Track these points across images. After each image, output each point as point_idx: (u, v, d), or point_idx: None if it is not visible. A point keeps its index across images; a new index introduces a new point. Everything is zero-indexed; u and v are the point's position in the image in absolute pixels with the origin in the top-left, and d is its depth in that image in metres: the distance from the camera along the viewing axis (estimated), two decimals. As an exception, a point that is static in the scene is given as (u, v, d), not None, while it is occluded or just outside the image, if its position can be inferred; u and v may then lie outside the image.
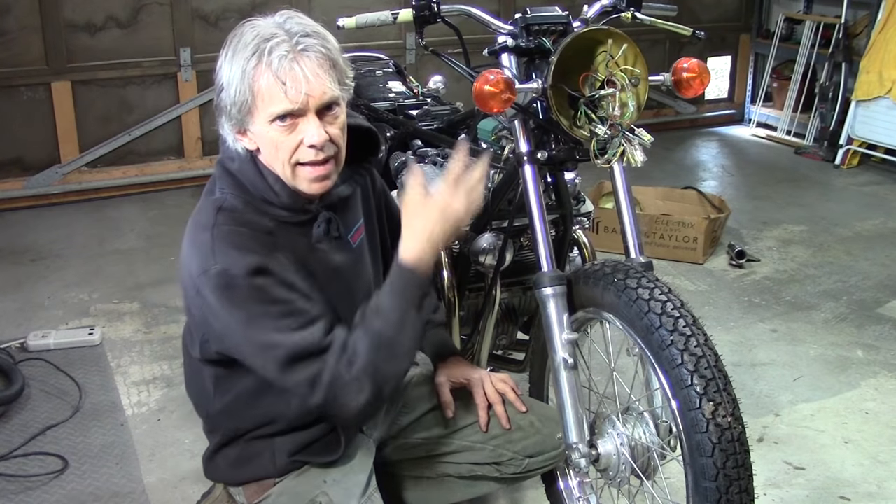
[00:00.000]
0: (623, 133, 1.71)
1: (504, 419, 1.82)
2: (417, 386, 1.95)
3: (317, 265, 1.66)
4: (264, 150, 1.59)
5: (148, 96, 4.95)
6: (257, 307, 1.52)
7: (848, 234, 4.50)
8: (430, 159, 2.38)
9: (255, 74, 1.51)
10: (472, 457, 1.87)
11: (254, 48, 1.51)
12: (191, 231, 1.60)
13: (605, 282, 1.68)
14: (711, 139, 6.31)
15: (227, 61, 1.54)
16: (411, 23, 1.94)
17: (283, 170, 1.58)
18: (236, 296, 1.51)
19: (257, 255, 1.53)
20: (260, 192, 1.60)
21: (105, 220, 4.60)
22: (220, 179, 1.63)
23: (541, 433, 1.84)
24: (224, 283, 1.51)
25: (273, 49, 1.51)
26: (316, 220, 1.66)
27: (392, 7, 1.61)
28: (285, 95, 1.51)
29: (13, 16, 4.55)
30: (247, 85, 1.52)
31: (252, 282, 1.51)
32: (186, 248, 1.59)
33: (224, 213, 1.57)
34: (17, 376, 2.93)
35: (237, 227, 1.55)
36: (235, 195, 1.60)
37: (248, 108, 1.53)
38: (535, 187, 1.79)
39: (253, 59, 1.51)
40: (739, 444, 1.51)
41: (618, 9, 1.99)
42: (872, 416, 2.88)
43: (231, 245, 1.53)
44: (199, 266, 1.53)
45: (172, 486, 2.51)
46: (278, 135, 1.55)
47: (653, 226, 4.08)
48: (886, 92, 5.28)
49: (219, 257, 1.52)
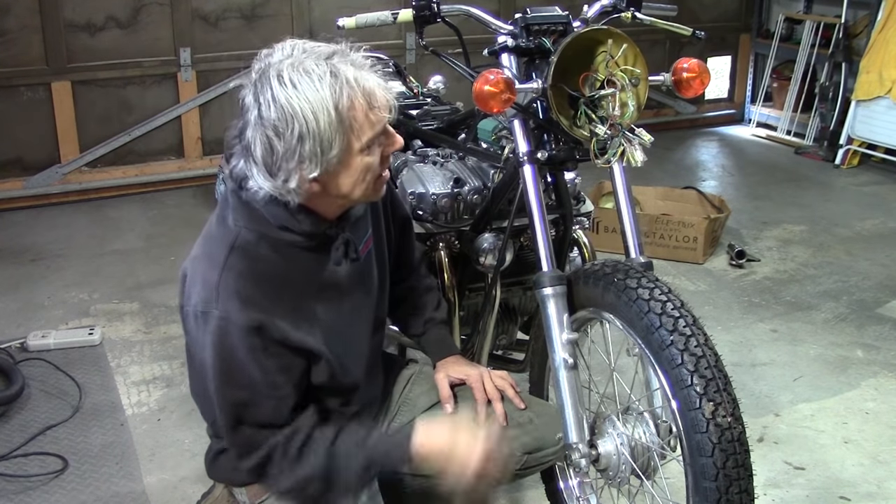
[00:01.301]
0: (623, 133, 1.71)
1: (502, 416, 1.81)
2: (417, 384, 1.96)
3: (327, 291, 1.65)
4: (343, 181, 1.52)
5: (148, 96, 4.95)
6: (240, 362, 1.53)
7: (848, 234, 4.50)
8: (430, 159, 2.38)
9: (349, 105, 1.43)
10: None
11: (318, 77, 1.42)
12: (200, 259, 1.58)
13: (605, 282, 1.68)
14: (711, 139, 6.31)
15: (296, 101, 1.41)
16: (411, 23, 1.94)
17: (365, 192, 1.55)
18: (227, 344, 1.52)
19: (258, 310, 1.52)
20: (280, 221, 1.56)
21: (105, 220, 4.60)
22: (235, 210, 1.57)
23: (539, 430, 1.84)
24: (221, 329, 1.51)
25: (340, 72, 1.44)
26: (333, 242, 1.64)
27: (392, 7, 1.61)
28: (375, 115, 1.47)
29: (13, 16, 4.55)
30: (343, 119, 1.43)
31: (246, 339, 1.51)
32: (193, 275, 1.57)
33: (236, 253, 1.53)
34: (17, 376, 2.93)
35: (246, 273, 1.53)
36: (250, 229, 1.56)
37: (345, 144, 1.46)
38: (535, 187, 1.79)
39: (337, 89, 1.42)
40: (739, 444, 1.51)
41: (618, 9, 1.99)
42: (872, 416, 2.88)
43: (236, 295, 1.51)
44: (200, 301, 1.53)
45: (172, 486, 2.51)
46: (371, 159, 1.51)
47: (653, 226, 4.08)
48: (886, 92, 5.28)
49: (221, 304, 1.51)
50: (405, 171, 2.32)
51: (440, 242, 2.23)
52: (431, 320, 1.99)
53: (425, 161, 2.37)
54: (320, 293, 1.64)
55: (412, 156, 2.40)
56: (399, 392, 1.95)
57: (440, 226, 2.22)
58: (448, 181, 2.23)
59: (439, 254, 2.22)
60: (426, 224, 2.20)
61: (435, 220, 2.21)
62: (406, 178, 2.28)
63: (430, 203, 2.19)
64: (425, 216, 2.20)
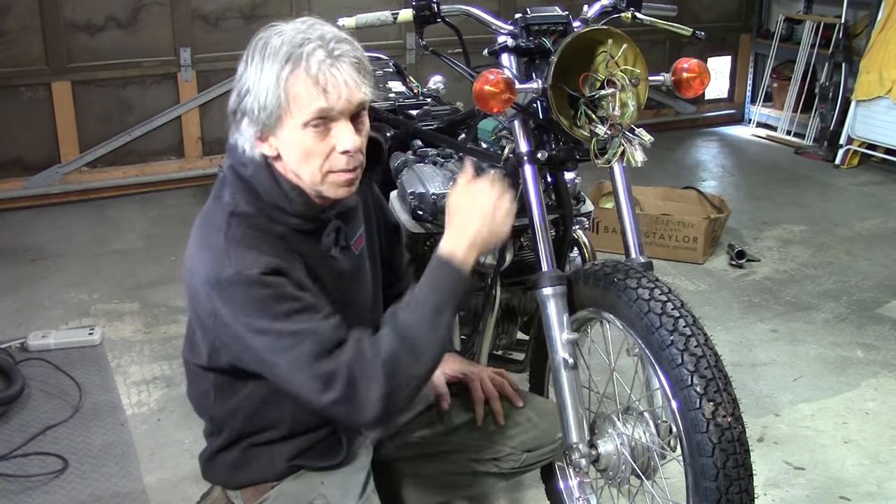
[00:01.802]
0: (623, 133, 1.71)
1: (500, 416, 1.81)
2: None
3: (325, 273, 1.65)
4: (290, 157, 1.56)
5: (148, 96, 4.95)
6: (275, 304, 1.49)
7: (848, 234, 4.50)
8: (430, 159, 2.38)
9: (292, 79, 1.50)
10: (470, 454, 1.86)
11: (287, 53, 1.50)
12: (200, 235, 1.58)
13: (605, 282, 1.68)
14: (711, 139, 6.31)
15: (255, 66, 1.53)
16: (411, 23, 1.94)
17: (312, 176, 1.56)
18: (252, 295, 1.49)
19: (272, 256, 1.52)
20: (273, 199, 1.58)
21: (105, 220, 4.60)
22: (230, 185, 1.60)
23: (538, 427, 1.83)
24: (240, 282, 1.49)
25: (310, 55, 1.50)
26: (325, 228, 1.65)
27: (392, 7, 1.61)
28: (324, 98, 1.50)
29: (13, 16, 4.55)
30: (281, 89, 1.50)
31: (268, 280, 1.49)
32: (196, 253, 1.56)
33: (237, 218, 1.55)
34: (17, 376, 2.93)
35: (251, 231, 1.54)
36: (247, 201, 1.57)
37: (279, 113, 1.51)
38: (535, 187, 1.79)
39: (288, 65, 1.50)
40: (739, 444, 1.52)
41: (618, 9, 1.99)
42: (872, 416, 2.88)
43: (246, 246, 1.51)
44: (212, 269, 1.51)
45: (172, 486, 2.51)
46: (311, 140, 1.53)
47: (653, 226, 4.08)
48: (886, 92, 5.28)
49: (233, 259, 1.50)
50: (405, 171, 2.31)
51: (440, 242, 2.22)
52: None
53: (425, 161, 2.36)
54: (317, 274, 1.63)
55: (412, 156, 2.40)
56: None
57: (440, 226, 2.21)
58: (448, 181, 2.23)
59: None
60: (426, 224, 2.20)
61: (435, 220, 2.21)
62: (406, 178, 2.28)
63: (430, 203, 2.19)
64: (425, 216, 2.19)
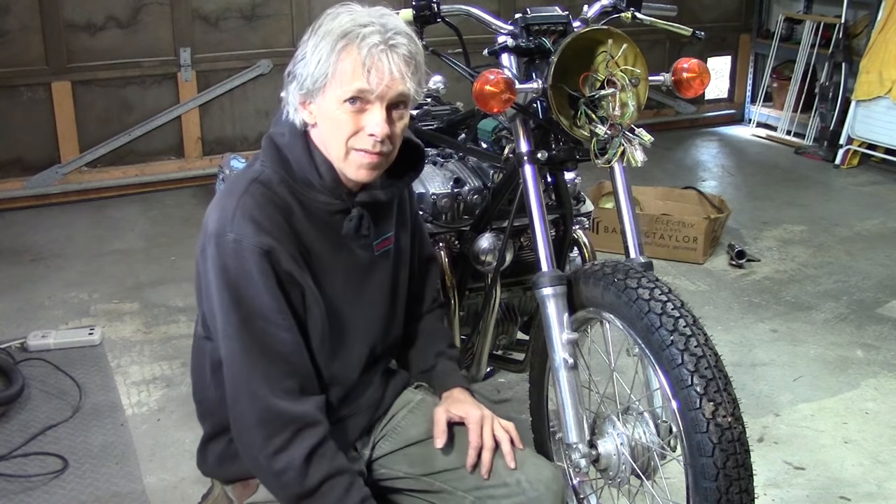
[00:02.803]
0: (623, 133, 1.71)
1: (486, 468, 1.67)
2: (413, 413, 1.82)
3: (337, 261, 1.66)
4: (324, 126, 1.60)
5: (148, 96, 4.95)
6: (253, 287, 1.54)
7: (848, 234, 4.50)
8: (430, 159, 2.38)
9: (343, 55, 1.54)
10: (450, 501, 1.73)
11: (346, 30, 1.55)
12: (220, 194, 1.64)
13: (605, 282, 1.68)
14: (711, 139, 6.31)
15: (316, 36, 1.57)
16: (411, 23, 1.94)
17: (338, 150, 1.60)
18: (240, 265, 1.54)
19: (270, 237, 1.56)
20: (303, 171, 1.62)
21: (105, 220, 4.60)
22: (264, 152, 1.66)
23: (526, 495, 1.65)
24: (235, 251, 1.54)
25: (367, 36, 1.54)
26: (349, 213, 1.66)
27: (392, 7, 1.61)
28: (366, 79, 1.54)
29: (13, 16, 4.55)
30: (331, 62, 1.54)
31: (259, 262, 1.54)
32: (210, 209, 1.62)
33: (255, 185, 1.60)
34: (17, 376, 2.93)
35: (262, 203, 1.58)
36: (275, 170, 1.62)
37: (323, 82, 1.56)
38: (535, 187, 1.79)
39: (343, 41, 1.54)
40: (739, 444, 1.52)
41: (618, 9, 2.00)
42: (872, 416, 2.88)
43: (251, 220, 1.55)
44: (217, 227, 1.57)
45: (172, 486, 2.51)
46: (345, 115, 1.57)
47: (653, 226, 4.08)
48: (886, 92, 5.28)
49: (236, 226, 1.55)
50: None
51: (440, 242, 2.23)
52: (442, 354, 1.88)
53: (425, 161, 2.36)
54: (328, 255, 1.65)
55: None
56: (392, 415, 1.83)
57: (440, 226, 2.22)
58: (448, 181, 2.23)
59: (439, 254, 2.22)
60: (426, 224, 2.20)
61: (435, 220, 2.21)
62: (406, 178, 2.28)
63: (430, 203, 2.19)
64: (425, 216, 2.19)
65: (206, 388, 1.73)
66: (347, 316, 1.70)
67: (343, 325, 1.70)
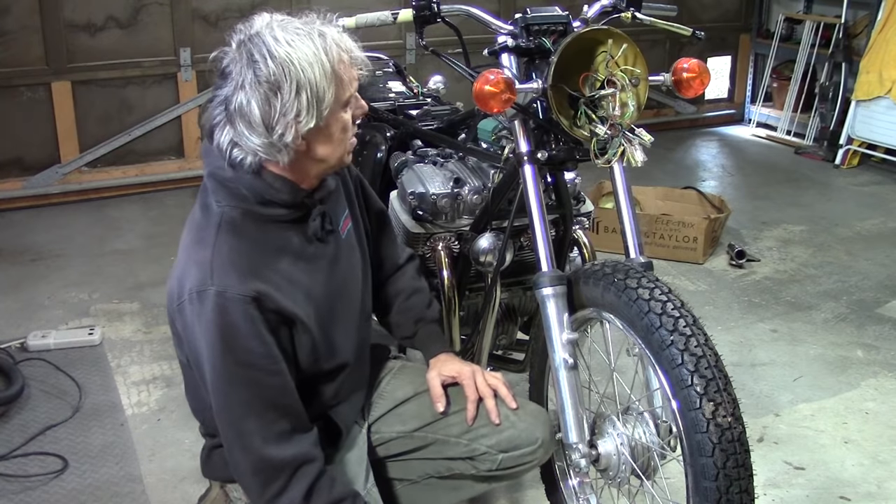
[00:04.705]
0: (623, 133, 1.71)
1: (494, 413, 1.77)
2: (395, 378, 1.94)
3: (317, 263, 1.67)
4: (332, 139, 1.58)
5: (148, 96, 4.95)
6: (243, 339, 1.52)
7: (848, 234, 4.50)
8: (429, 159, 2.38)
9: (339, 65, 1.52)
10: (445, 450, 1.82)
11: (319, 45, 1.50)
12: (189, 247, 1.60)
13: (605, 282, 1.68)
14: (711, 139, 6.31)
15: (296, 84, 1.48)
16: (411, 23, 1.94)
17: (342, 150, 1.61)
18: (226, 319, 1.51)
19: (254, 279, 1.54)
20: (259, 194, 1.59)
21: (105, 220, 4.60)
22: (215, 192, 1.61)
23: (515, 427, 1.78)
24: (219, 305, 1.51)
25: (329, 35, 1.53)
26: (309, 215, 1.66)
27: (392, 7, 1.61)
28: (356, 72, 1.56)
29: (13, 16, 4.55)
30: (329, 77, 1.50)
31: (246, 310, 1.52)
32: (184, 266, 1.58)
33: (224, 229, 1.57)
34: (17, 376, 2.93)
35: (236, 247, 1.55)
36: (233, 206, 1.59)
37: (332, 99, 1.52)
38: (535, 187, 1.79)
39: (327, 55, 1.50)
40: (739, 444, 1.52)
41: (618, 9, 1.99)
42: (872, 416, 2.88)
43: (231, 267, 1.53)
44: (197, 283, 1.53)
45: (172, 486, 2.51)
46: (347, 113, 1.57)
47: (653, 226, 4.08)
48: (886, 92, 5.28)
49: (217, 278, 1.52)
50: (405, 171, 2.31)
51: (440, 242, 2.23)
52: (422, 319, 1.97)
53: (425, 161, 2.36)
54: (307, 265, 1.65)
55: (412, 156, 2.40)
56: (377, 382, 1.94)
57: (440, 226, 2.22)
58: (448, 181, 2.23)
59: (439, 254, 2.22)
60: (426, 224, 2.20)
61: (435, 220, 2.21)
62: (406, 178, 2.28)
63: (430, 203, 2.19)
64: (425, 216, 2.19)
65: (206, 410, 1.72)
66: (338, 310, 1.72)
67: (336, 319, 1.72)
